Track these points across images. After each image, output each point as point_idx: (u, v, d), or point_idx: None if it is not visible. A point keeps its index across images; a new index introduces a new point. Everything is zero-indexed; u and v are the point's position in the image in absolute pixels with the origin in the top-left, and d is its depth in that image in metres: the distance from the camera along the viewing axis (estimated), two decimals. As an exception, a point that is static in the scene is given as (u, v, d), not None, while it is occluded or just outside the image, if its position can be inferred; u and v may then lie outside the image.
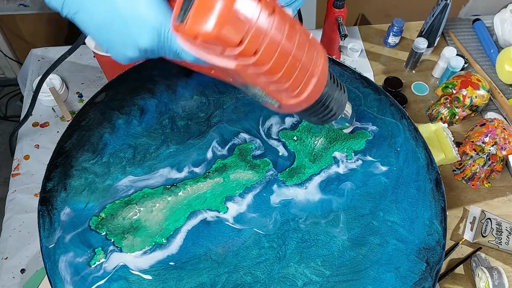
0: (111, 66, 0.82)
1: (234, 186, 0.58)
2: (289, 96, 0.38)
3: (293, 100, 0.39)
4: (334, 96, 0.45)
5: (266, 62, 0.34)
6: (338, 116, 0.48)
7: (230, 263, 0.54)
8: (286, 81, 0.36)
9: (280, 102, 0.39)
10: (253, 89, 0.38)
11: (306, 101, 0.40)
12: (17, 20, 1.53)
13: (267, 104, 0.42)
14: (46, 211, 0.54)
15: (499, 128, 0.80)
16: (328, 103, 0.44)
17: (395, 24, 1.01)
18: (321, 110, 0.45)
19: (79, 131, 0.59)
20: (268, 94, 0.38)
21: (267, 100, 0.40)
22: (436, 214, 0.58)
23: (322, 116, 0.46)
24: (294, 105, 0.39)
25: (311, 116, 0.46)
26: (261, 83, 0.36)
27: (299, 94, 0.38)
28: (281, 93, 0.38)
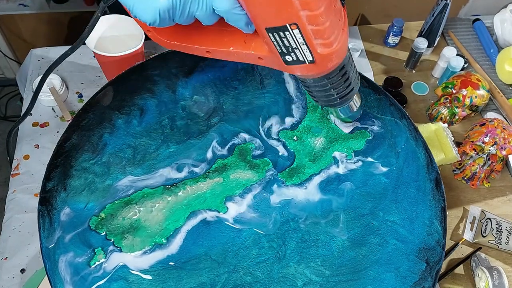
0: (111, 66, 0.82)
1: (234, 186, 0.58)
2: (323, 44, 0.38)
3: (326, 50, 0.39)
4: (352, 66, 0.46)
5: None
6: (354, 94, 0.49)
7: (230, 263, 0.54)
8: (325, 20, 0.36)
9: (314, 52, 0.39)
10: (289, 36, 0.37)
11: (336, 55, 0.40)
12: (17, 20, 1.54)
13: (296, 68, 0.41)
14: (46, 211, 0.54)
15: (499, 128, 0.80)
16: (349, 70, 0.45)
17: (395, 24, 1.01)
18: (342, 81, 0.45)
19: (79, 131, 0.59)
20: (305, 38, 0.37)
21: (300, 52, 0.39)
22: (436, 214, 0.58)
23: (342, 91, 0.46)
24: (327, 58, 0.39)
25: (332, 90, 0.46)
26: (301, 19, 0.36)
27: (332, 43, 0.39)
28: (316, 38, 0.37)
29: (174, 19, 0.39)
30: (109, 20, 0.83)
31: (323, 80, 0.44)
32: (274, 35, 0.38)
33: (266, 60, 0.43)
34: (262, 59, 0.43)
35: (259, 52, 0.42)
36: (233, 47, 0.43)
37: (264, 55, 0.42)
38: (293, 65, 0.41)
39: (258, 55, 0.42)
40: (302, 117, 0.63)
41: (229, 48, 0.43)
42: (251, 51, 0.42)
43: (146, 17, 0.38)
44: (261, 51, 0.42)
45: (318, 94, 0.48)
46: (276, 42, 0.39)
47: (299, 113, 0.63)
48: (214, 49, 0.44)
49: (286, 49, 0.39)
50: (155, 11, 0.37)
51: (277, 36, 0.38)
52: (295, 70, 0.42)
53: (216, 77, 0.65)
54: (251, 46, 0.42)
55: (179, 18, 0.39)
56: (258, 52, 0.42)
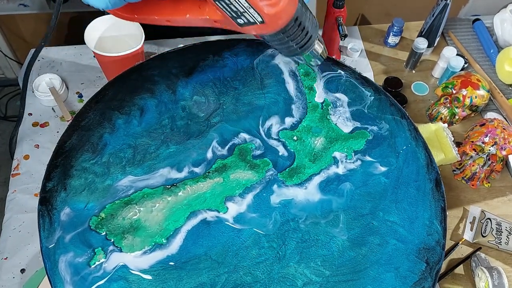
0: (111, 66, 0.82)
1: (234, 186, 0.58)
2: (269, 5, 0.40)
3: (273, 9, 0.40)
4: (307, 15, 0.47)
5: None
6: (314, 40, 0.50)
7: (230, 263, 0.54)
8: None
9: (261, 14, 0.40)
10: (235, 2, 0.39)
11: (285, 12, 0.42)
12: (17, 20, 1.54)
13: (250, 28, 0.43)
14: (46, 211, 0.54)
15: (499, 128, 0.80)
16: (303, 20, 0.46)
17: (395, 24, 1.01)
18: (298, 31, 0.46)
19: (79, 131, 0.59)
20: (249, 2, 0.39)
21: (249, 15, 0.41)
22: (436, 214, 0.58)
23: (301, 40, 0.48)
24: (275, 16, 0.41)
25: (290, 41, 0.47)
26: None
27: (277, 2, 0.40)
28: (261, 0, 0.39)
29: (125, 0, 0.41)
30: (109, 20, 0.83)
31: (279, 34, 0.46)
32: (220, 3, 0.40)
33: (221, 23, 0.45)
34: (218, 22, 0.45)
35: (213, 16, 0.44)
36: (189, 14, 0.45)
37: (218, 19, 0.44)
38: (247, 26, 0.43)
39: (213, 19, 0.44)
40: (302, 117, 0.63)
41: (185, 15, 0.45)
42: (206, 16, 0.44)
43: (97, 4, 0.40)
44: (215, 15, 0.44)
45: (278, 47, 0.50)
46: (224, 8, 0.41)
47: (299, 113, 0.63)
48: (172, 18, 0.46)
49: (235, 14, 0.41)
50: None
51: (223, 3, 0.40)
52: (250, 31, 0.44)
53: (216, 77, 0.65)
54: (205, 11, 0.44)
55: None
56: (213, 17, 0.44)
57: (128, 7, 0.46)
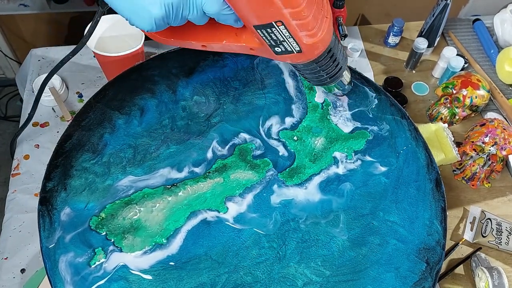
0: (111, 66, 0.82)
1: (234, 186, 0.58)
2: (308, 35, 0.41)
3: (311, 40, 0.41)
4: (339, 47, 0.48)
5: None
6: (343, 71, 0.52)
7: (230, 263, 0.54)
8: (308, 14, 0.39)
9: (300, 43, 0.41)
10: (276, 31, 0.40)
11: (322, 42, 0.43)
12: (17, 20, 1.54)
13: (286, 57, 0.44)
14: (46, 211, 0.54)
15: (499, 128, 0.80)
16: (335, 52, 0.47)
17: (395, 24, 1.01)
18: (330, 62, 0.48)
19: (79, 131, 0.59)
20: (291, 33, 0.40)
21: (287, 44, 0.42)
22: (436, 214, 0.58)
23: (331, 71, 0.49)
24: (313, 46, 0.42)
25: (322, 71, 0.49)
26: (285, 17, 0.38)
27: (316, 33, 0.41)
28: (301, 30, 0.40)
29: (169, 24, 0.41)
30: (109, 20, 0.83)
31: (312, 64, 0.47)
32: (262, 31, 0.41)
33: (257, 50, 0.45)
34: (254, 49, 0.45)
35: (250, 44, 0.45)
36: (226, 40, 0.46)
37: (255, 46, 0.45)
38: (283, 55, 0.44)
39: (250, 47, 0.45)
40: (302, 117, 0.63)
41: (222, 41, 0.46)
42: (242, 44, 0.45)
43: (143, 26, 0.40)
44: (252, 43, 0.44)
45: (309, 76, 0.51)
46: (264, 36, 0.42)
47: (299, 113, 0.63)
48: (209, 43, 0.47)
49: (275, 42, 0.42)
50: (150, 20, 0.39)
51: (265, 32, 0.41)
52: (285, 59, 0.45)
53: (216, 77, 0.65)
54: (242, 39, 0.45)
55: (173, 23, 0.41)
56: (249, 44, 0.45)
57: (167, 30, 0.47)
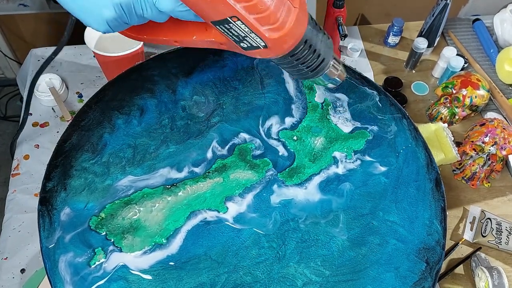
0: (111, 66, 0.82)
1: (234, 186, 0.58)
2: (271, 30, 0.38)
3: (276, 34, 0.38)
4: (319, 37, 0.44)
5: None
6: (328, 63, 0.47)
7: (230, 263, 0.54)
8: (266, 6, 0.36)
9: (264, 38, 0.39)
10: (235, 27, 0.38)
11: (290, 36, 0.40)
12: (17, 20, 1.54)
13: (254, 52, 0.42)
14: (46, 211, 0.54)
15: (499, 128, 0.80)
16: (314, 43, 0.43)
17: (395, 24, 1.01)
18: (309, 54, 0.44)
19: (79, 131, 0.59)
20: (250, 28, 0.38)
21: (251, 39, 0.39)
22: (436, 214, 0.58)
23: (312, 64, 0.45)
24: (279, 40, 0.39)
25: (300, 65, 0.45)
26: (239, 12, 0.36)
27: (282, 26, 0.38)
28: (262, 25, 0.38)
29: (127, 23, 0.40)
30: (109, 20, 0.83)
31: (287, 58, 0.44)
32: (221, 27, 0.39)
33: (227, 45, 0.44)
34: (223, 44, 0.44)
35: (219, 39, 0.43)
36: (196, 36, 0.44)
37: (223, 41, 0.43)
38: (250, 50, 0.42)
39: (219, 42, 0.44)
40: (302, 117, 0.63)
41: (192, 37, 0.45)
42: (212, 39, 0.43)
43: (97, 28, 0.40)
44: (220, 38, 0.43)
45: (288, 70, 0.47)
46: (225, 32, 0.40)
47: (299, 113, 0.63)
48: (180, 39, 0.46)
49: (238, 38, 0.40)
50: (103, 22, 0.39)
51: (223, 28, 0.39)
52: (255, 54, 0.43)
53: (216, 77, 0.65)
54: (212, 34, 0.43)
55: (130, 22, 0.40)
56: (218, 39, 0.43)
57: (136, 29, 0.46)
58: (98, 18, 0.38)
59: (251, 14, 0.36)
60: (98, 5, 0.38)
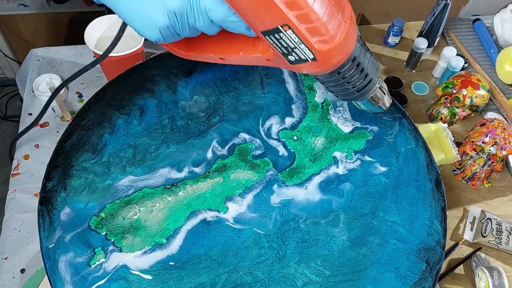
0: (111, 66, 0.82)
1: (234, 186, 0.58)
2: (321, 41, 0.38)
3: (326, 46, 0.38)
4: (367, 56, 0.44)
5: None
6: (374, 85, 0.47)
7: (230, 263, 0.54)
8: (319, 15, 0.36)
9: (313, 50, 0.38)
10: (285, 37, 0.38)
11: (339, 50, 0.39)
12: (17, 20, 1.54)
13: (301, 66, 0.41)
14: (46, 211, 0.54)
15: (499, 128, 0.80)
16: (362, 61, 0.43)
17: (395, 24, 1.01)
18: (356, 73, 0.44)
19: (79, 131, 0.59)
20: (300, 38, 0.37)
21: (300, 51, 0.39)
22: (436, 214, 0.58)
23: (359, 83, 0.45)
24: (328, 54, 0.39)
25: (347, 83, 0.45)
26: (291, 20, 0.36)
27: (332, 39, 0.38)
28: (312, 35, 0.37)
29: (179, 34, 0.41)
30: (109, 20, 0.83)
31: (334, 75, 0.43)
32: (270, 38, 0.39)
33: (273, 61, 0.43)
34: (270, 60, 0.44)
35: (266, 54, 0.43)
36: (243, 52, 0.44)
37: (270, 57, 0.43)
38: (298, 64, 0.41)
39: (266, 57, 0.43)
40: (302, 117, 0.63)
41: (239, 53, 0.45)
42: (259, 54, 0.43)
43: (150, 36, 0.40)
44: (268, 53, 0.43)
45: (334, 89, 0.47)
46: (274, 44, 0.39)
47: (299, 113, 0.63)
48: (226, 56, 0.46)
49: (286, 50, 0.40)
50: (156, 30, 0.39)
51: (273, 38, 0.39)
52: (302, 69, 0.42)
53: (216, 77, 0.65)
54: (259, 49, 0.43)
55: (182, 32, 0.40)
56: (265, 55, 0.43)
57: (184, 44, 0.47)
58: (151, 25, 0.39)
59: (302, 23, 0.36)
60: (152, 12, 0.38)
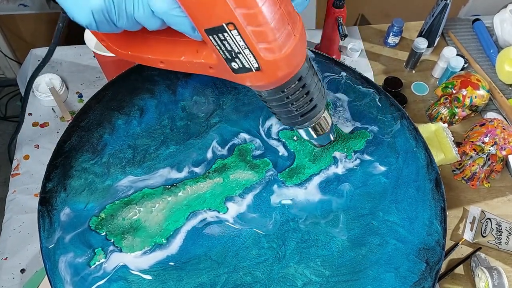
0: (111, 66, 0.82)
1: (234, 186, 0.58)
2: (267, 49, 0.36)
3: (271, 55, 0.36)
4: (314, 80, 0.43)
5: None
6: (319, 112, 0.46)
7: (230, 263, 0.54)
8: (268, 20, 0.34)
9: (257, 57, 0.36)
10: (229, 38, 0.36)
11: (286, 62, 0.37)
12: (17, 20, 1.54)
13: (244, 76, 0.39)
14: (46, 211, 0.54)
15: (499, 128, 0.80)
16: (309, 84, 0.42)
17: (395, 24, 1.01)
18: (301, 95, 0.42)
19: (78, 131, 0.59)
20: (245, 41, 0.35)
21: (244, 57, 0.37)
22: (436, 214, 0.58)
23: (303, 107, 0.43)
24: (274, 65, 0.37)
25: (291, 105, 0.43)
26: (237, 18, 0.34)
27: (279, 48, 0.36)
28: (258, 41, 0.35)
29: (114, 22, 0.37)
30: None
31: (278, 93, 0.42)
32: (214, 37, 0.37)
33: (216, 69, 0.41)
34: (212, 68, 0.42)
35: (209, 60, 0.41)
36: (185, 56, 0.42)
37: (213, 63, 0.41)
38: (241, 73, 0.39)
39: (209, 64, 0.41)
40: (302, 117, 0.63)
41: (180, 57, 0.42)
42: (201, 60, 0.41)
43: (81, 18, 0.36)
44: (211, 59, 0.41)
45: (277, 109, 0.45)
46: (218, 46, 0.37)
47: (299, 113, 0.63)
48: (167, 59, 0.43)
49: (230, 54, 0.38)
50: (88, 12, 0.35)
51: (217, 39, 0.37)
52: (245, 80, 0.40)
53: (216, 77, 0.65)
54: (202, 55, 0.41)
55: (118, 21, 0.37)
56: (208, 61, 0.41)
57: (122, 42, 0.44)
58: (85, 7, 0.35)
59: (249, 24, 0.34)
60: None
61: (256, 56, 0.37)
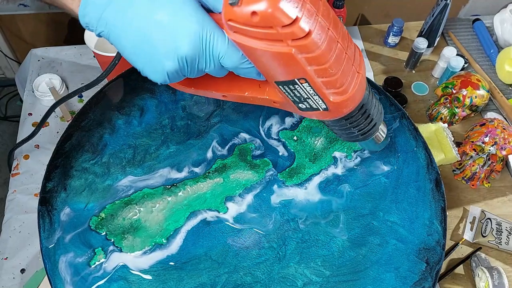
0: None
1: (234, 186, 0.58)
2: (336, 93, 0.37)
3: (339, 98, 0.38)
4: (374, 102, 0.45)
5: (318, 45, 0.33)
6: (378, 128, 0.47)
7: (230, 263, 0.54)
8: (336, 71, 0.36)
9: (326, 101, 0.38)
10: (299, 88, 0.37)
11: (352, 100, 0.39)
12: (17, 20, 1.53)
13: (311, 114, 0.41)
14: (46, 211, 0.54)
15: (499, 128, 0.80)
16: (369, 108, 0.44)
17: (395, 24, 1.01)
18: (363, 119, 0.44)
19: (79, 131, 0.59)
20: (315, 90, 0.37)
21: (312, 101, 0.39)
22: (436, 214, 0.58)
23: (364, 128, 0.45)
24: (341, 104, 0.39)
25: (352, 128, 0.45)
26: (309, 74, 0.35)
27: (346, 90, 0.38)
28: (328, 88, 0.37)
29: (185, 75, 0.39)
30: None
31: (342, 121, 0.43)
32: (284, 87, 0.38)
33: (281, 104, 0.43)
34: (277, 103, 0.43)
35: (273, 97, 0.42)
36: (248, 92, 0.43)
37: (278, 100, 0.42)
38: (308, 111, 0.41)
39: (273, 100, 0.42)
40: (302, 117, 0.63)
41: (244, 92, 0.43)
42: (265, 96, 0.42)
43: (155, 78, 0.38)
44: (275, 96, 0.42)
45: (338, 131, 0.47)
46: (287, 92, 0.39)
47: (299, 113, 0.63)
48: (230, 94, 0.44)
49: (298, 99, 0.39)
50: (163, 73, 0.37)
51: (287, 88, 0.38)
52: (311, 116, 0.42)
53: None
54: (266, 91, 0.42)
55: (189, 75, 0.39)
56: (272, 98, 0.42)
57: (188, 81, 0.45)
58: (159, 69, 0.37)
59: (319, 77, 0.36)
60: (162, 57, 0.36)
61: (324, 100, 0.38)
